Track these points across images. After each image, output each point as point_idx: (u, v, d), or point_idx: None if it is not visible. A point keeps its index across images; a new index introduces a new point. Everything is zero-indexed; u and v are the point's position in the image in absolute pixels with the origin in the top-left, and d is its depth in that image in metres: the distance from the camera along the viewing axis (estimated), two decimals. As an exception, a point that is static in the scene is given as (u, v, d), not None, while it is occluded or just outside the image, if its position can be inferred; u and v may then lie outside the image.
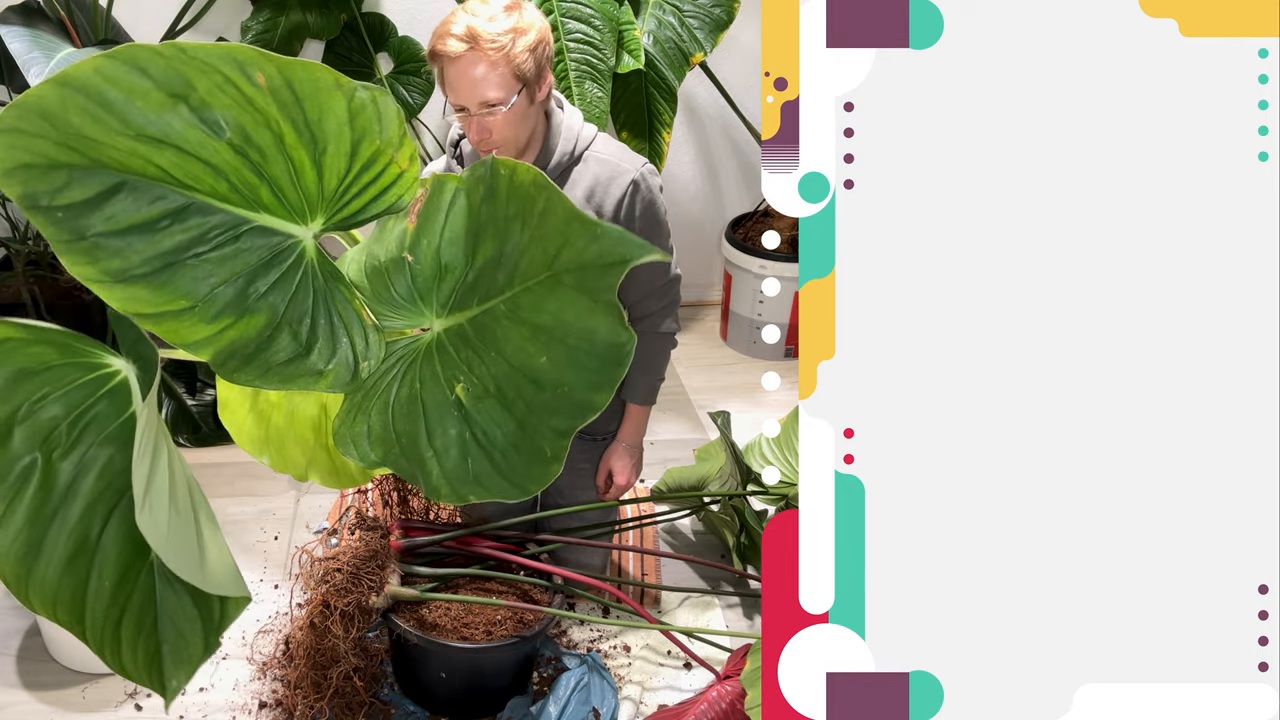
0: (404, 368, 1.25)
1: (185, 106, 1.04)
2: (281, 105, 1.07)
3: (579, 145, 1.67)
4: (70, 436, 1.16)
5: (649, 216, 1.70)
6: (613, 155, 1.69)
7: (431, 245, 1.19)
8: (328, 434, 1.43)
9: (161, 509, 1.06)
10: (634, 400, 1.88)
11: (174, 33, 2.29)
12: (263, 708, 1.78)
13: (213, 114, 1.05)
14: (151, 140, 1.04)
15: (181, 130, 1.05)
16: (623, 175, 1.67)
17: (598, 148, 1.69)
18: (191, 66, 1.02)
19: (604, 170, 1.67)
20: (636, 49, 2.25)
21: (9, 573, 1.13)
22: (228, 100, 1.05)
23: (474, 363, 1.20)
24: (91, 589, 1.16)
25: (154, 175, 1.06)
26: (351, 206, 1.18)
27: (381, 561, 1.69)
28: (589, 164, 1.68)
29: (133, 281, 1.07)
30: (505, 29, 1.52)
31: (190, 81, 1.03)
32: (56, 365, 1.14)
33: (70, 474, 1.16)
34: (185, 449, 2.53)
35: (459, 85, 1.54)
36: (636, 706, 1.79)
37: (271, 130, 1.08)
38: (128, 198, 1.05)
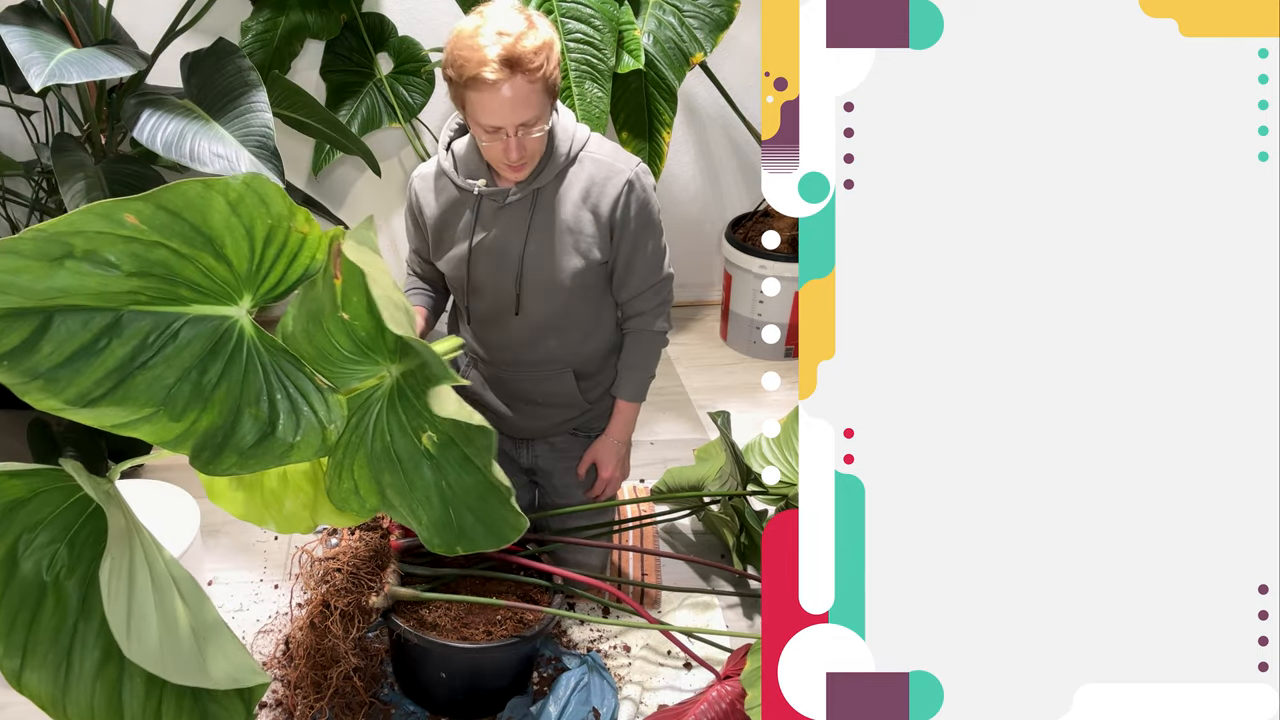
0: (373, 419, 1.25)
1: (71, 261, 1.06)
2: (161, 228, 1.09)
3: (574, 146, 1.68)
4: (71, 556, 1.20)
5: (643, 215, 1.71)
6: (607, 155, 1.70)
7: (361, 300, 1.18)
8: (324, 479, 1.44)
9: (150, 631, 1.09)
10: (624, 397, 1.88)
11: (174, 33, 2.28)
12: (263, 708, 1.78)
13: (101, 256, 1.07)
14: (57, 291, 1.07)
15: (78, 280, 1.07)
16: (618, 175, 1.68)
17: (592, 148, 1.70)
18: (56, 239, 1.05)
19: (599, 170, 1.68)
20: (636, 49, 2.25)
21: (45, 695, 1.17)
22: (108, 242, 1.07)
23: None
24: (125, 694, 1.19)
25: (77, 304, 1.09)
26: (270, 279, 1.19)
27: (381, 561, 1.69)
28: (584, 164, 1.69)
29: (96, 403, 1.12)
30: (537, 45, 1.50)
31: (66, 243, 1.05)
32: (44, 491, 1.18)
33: (80, 592, 1.20)
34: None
35: (499, 110, 1.52)
36: (636, 706, 1.79)
37: (165, 248, 1.10)
38: (60, 327, 1.09)
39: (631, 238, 1.71)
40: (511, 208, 1.68)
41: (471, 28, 1.52)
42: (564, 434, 1.94)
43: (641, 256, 1.74)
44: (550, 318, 1.75)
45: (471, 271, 1.72)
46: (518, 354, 1.81)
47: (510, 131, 1.55)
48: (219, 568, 2.14)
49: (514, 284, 1.71)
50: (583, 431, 1.94)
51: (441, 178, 1.74)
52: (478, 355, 1.87)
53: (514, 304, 1.73)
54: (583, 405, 1.88)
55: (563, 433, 1.94)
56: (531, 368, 1.83)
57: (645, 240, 1.73)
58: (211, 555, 2.17)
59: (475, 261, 1.71)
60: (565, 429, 1.93)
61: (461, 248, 1.72)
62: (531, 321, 1.75)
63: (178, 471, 2.42)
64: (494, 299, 1.75)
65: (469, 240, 1.71)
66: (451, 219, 1.74)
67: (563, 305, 1.74)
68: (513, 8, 1.56)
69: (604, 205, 1.68)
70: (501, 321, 1.77)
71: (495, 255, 1.71)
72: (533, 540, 1.87)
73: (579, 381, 1.85)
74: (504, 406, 1.89)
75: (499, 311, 1.76)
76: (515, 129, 1.54)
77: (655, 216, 1.74)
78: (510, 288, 1.71)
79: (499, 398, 1.89)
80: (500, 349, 1.82)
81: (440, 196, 1.74)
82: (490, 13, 1.54)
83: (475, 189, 1.68)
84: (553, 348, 1.80)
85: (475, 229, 1.70)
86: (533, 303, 1.73)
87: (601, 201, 1.68)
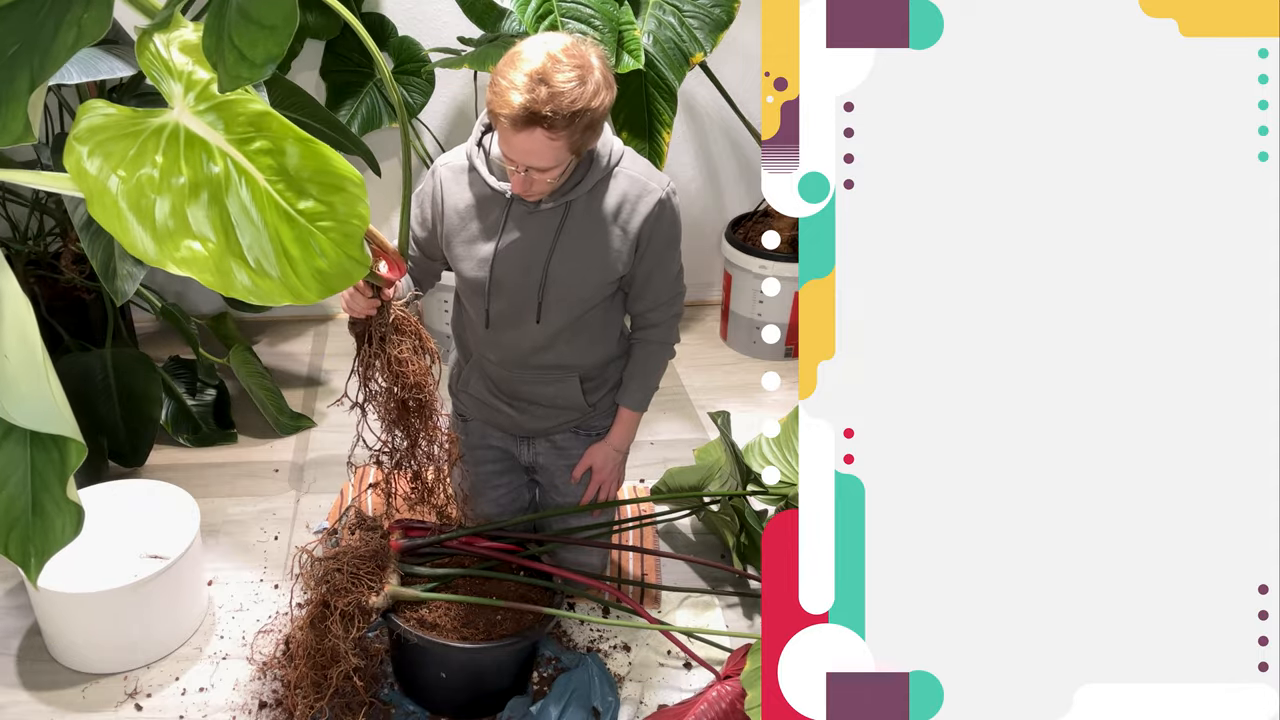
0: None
1: None
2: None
3: (611, 160, 1.69)
4: None
5: (670, 234, 1.74)
6: (640, 173, 1.71)
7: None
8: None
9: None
10: (628, 405, 1.89)
11: (174, 33, 2.29)
12: (263, 708, 1.78)
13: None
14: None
15: None
16: (650, 194, 1.69)
17: (626, 164, 1.71)
18: None
19: (633, 188, 1.69)
20: (636, 49, 2.25)
21: None
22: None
23: None
24: None
25: None
26: None
27: (381, 561, 1.69)
28: (619, 180, 1.70)
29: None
30: (571, 110, 1.45)
31: None
32: None
33: None
34: (185, 449, 2.53)
35: (511, 148, 1.51)
36: (636, 706, 1.79)
37: None
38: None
39: (655, 255, 1.73)
40: (543, 214, 1.68)
41: (523, 55, 1.47)
42: (565, 432, 1.94)
43: (662, 273, 1.76)
44: (567, 326, 1.75)
45: (495, 273, 1.71)
46: (528, 358, 1.81)
47: (521, 169, 1.55)
48: (219, 568, 2.14)
49: (537, 291, 1.70)
50: (584, 430, 1.94)
51: (472, 172, 1.72)
52: (484, 357, 1.86)
53: (535, 311, 1.72)
54: (584, 407, 1.88)
55: (564, 431, 1.94)
56: (540, 371, 1.83)
57: (668, 258, 1.76)
58: (211, 555, 2.17)
59: (499, 263, 1.70)
60: (567, 427, 1.93)
61: (487, 248, 1.71)
62: (549, 329, 1.75)
63: (178, 471, 2.42)
64: (513, 303, 1.74)
65: (495, 241, 1.70)
66: (477, 216, 1.72)
67: (580, 315, 1.74)
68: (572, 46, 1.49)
69: (634, 222, 1.69)
70: (518, 326, 1.76)
71: (520, 260, 1.70)
72: (533, 540, 1.87)
73: (583, 384, 1.86)
74: (508, 406, 1.89)
75: (517, 316, 1.75)
76: (525, 169, 1.55)
77: (678, 235, 1.76)
78: (533, 294, 1.71)
79: (504, 395, 1.89)
80: (511, 351, 1.81)
81: (468, 191, 1.72)
82: (545, 46, 1.47)
83: (508, 193, 1.67)
84: (563, 353, 1.80)
85: (503, 231, 1.70)
86: (553, 310, 1.73)
87: (633, 218, 1.69)
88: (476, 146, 1.72)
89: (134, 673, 1.87)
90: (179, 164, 1.06)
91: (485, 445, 1.97)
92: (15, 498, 1.13)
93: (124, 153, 1.04)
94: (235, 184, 1.07)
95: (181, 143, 1.06)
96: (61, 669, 1.86)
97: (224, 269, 1.07)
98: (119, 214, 1.04)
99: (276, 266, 1.09)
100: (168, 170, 1.05)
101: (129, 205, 1.04)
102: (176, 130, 1.06)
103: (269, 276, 1.09)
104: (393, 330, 1.58)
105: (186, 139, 1.06)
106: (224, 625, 1.99)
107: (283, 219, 1.09)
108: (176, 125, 1.06)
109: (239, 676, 1.86)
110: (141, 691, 1.83)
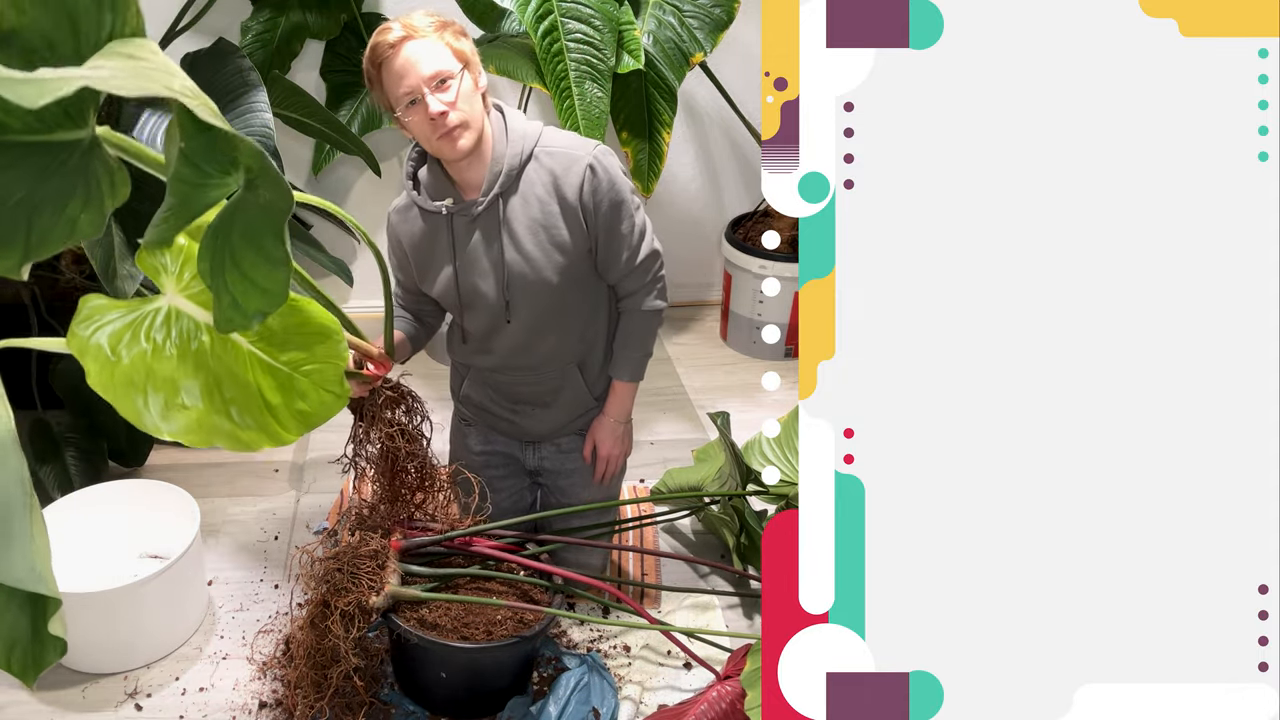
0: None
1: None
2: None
3: (527, 145, 1.68)
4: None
5: (611, 195, 1.69)
6: (562, 146, 1.70)
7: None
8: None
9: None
10: (621, 377, 1.87)
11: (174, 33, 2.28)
12: (263, 708, 1.78)
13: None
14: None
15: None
16: (577, 162, 1.67)
17: (545, 142, 1.70)
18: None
19: (558, 162, 1.68)
20: (636, 49, 2.25)
21: None
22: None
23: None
24: None
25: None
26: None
27: (381, 561, 1.69)
28: (541, 160, 1.69)
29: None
30: (435, 24, 1.59)
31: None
32: None
33: None
34: (185, 449, 2.53)
35: (405, 69, 1.56)
36: (636, 706, 1.79)
37: None
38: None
39: (604, 220, 1.70)
40: (482, 218, 1.69)
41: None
42: (571, 434, 1.94)
43: (618, 236, 1.73)
44: (544, 317, 1.75)
45: (461, 289, 1.73)
46: (520, 359, 1.81)
47: (425, 91, 1.55)
48: (219, 568, 2.14)
49: (502, 292, 1.71)
50: (584, 430, 1.95)
51: (412, 208, 1.75)
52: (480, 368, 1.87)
53: (504, 311, 1.73)
54: (590, 401, 1.89)
55: (570, 433, 1.94)
56: (535, 370, 1.83)
57: (618, 220, 1.71)
58: (211, 555, 2.17)
59: (463, 279, 1.72)
60: (573, 429, 1.93)
61: (447, 270, 1.73)
62: (526, 324, 1.75)
63: (178, 471, 2.42)
64: (487, 311, 1.75)
65: (453, 261, 1.72)
66: (431, 245, 1.75)
67: (554, 302, 1.74)
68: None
69: (569, 194, 1.67)
70: (498, 331, 1.77)
71: (479, 268, 1.71)
72: (533, 540, 1.87)
73: (583, 375, 1.86)
74: (510, 412, 1.90)
75: (494, 322, 1.76)
76: (430, 85, 1.55)
77: (624, 195, 1.71)
78: (499, 297, 1.72)
79: (507, 403, 1.89)
80: (502, 357, 1.82)
81: (416, 226, 1.76)
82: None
83: (443, 209, 1.68)
84: (553, 345, 1.80)
85: (454, 248, 1.71)
86: (524, 306, 1.73)
87: (566, 191, 1.67)
88: (409, 181, 1.75)
89: (134, 673, 1.87)
90: (168, 339, 1.17)
91: (489, 449, 1.97)
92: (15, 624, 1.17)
93: (121, 334, 1.15)
94: (220, 351, 1.18)
95: (172, 321, 1.17)
96: (61, 669, 1.86)
97: (207, 427, 1.19)
98: (121, 389, 1.15)
99: (258, 417, 1.21)
100: (160, 346, 1.17)
101: (128, 380, 1.15)
102: (170, 312, 1.17)
103: (250, 428, 1.21)
104: (383, 409, 1.67)
105: (176, 317, 1.17)
106: (224, 625, 1.99)
107: (265, 371, 1.20)
108: (169, 308, 1.17)
109: (239, 676, 1.86)
110: (141, 691, 1.83)
